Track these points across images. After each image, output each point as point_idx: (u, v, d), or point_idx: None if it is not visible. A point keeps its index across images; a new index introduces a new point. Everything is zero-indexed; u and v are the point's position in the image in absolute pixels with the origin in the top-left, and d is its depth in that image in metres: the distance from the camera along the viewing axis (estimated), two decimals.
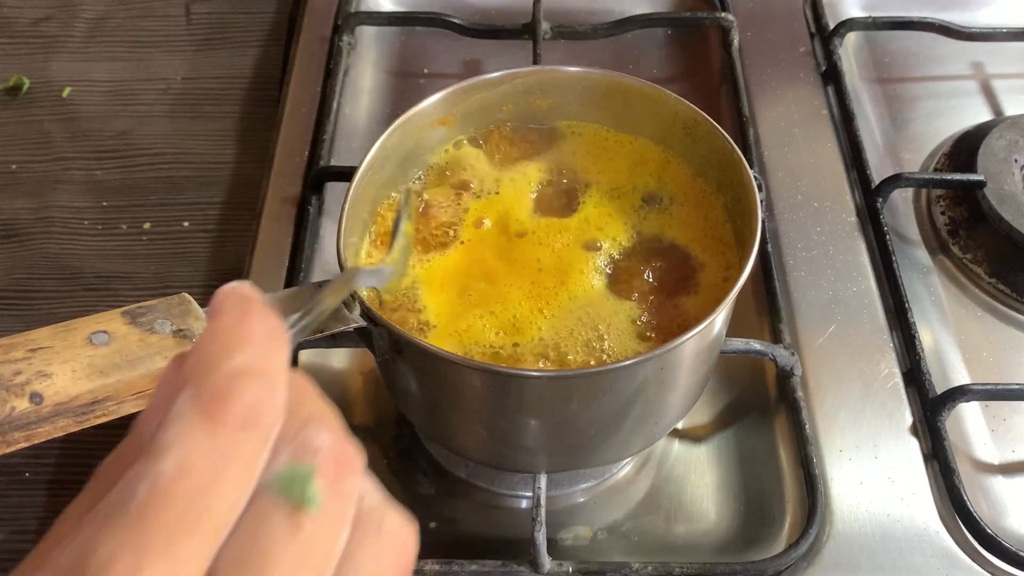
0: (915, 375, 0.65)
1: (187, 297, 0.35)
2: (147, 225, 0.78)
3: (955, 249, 0.74)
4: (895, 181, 0.74)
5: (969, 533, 0.59)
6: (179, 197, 0.80)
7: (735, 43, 0.85)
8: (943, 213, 0.76)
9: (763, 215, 0.53)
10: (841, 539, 0.58)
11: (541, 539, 0.55)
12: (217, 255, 0.77)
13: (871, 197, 0.74)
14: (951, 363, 0.68)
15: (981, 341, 0.70)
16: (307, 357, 0.67)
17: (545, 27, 0.83)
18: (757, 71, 0.84)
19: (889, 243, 0.71)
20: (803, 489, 0.60)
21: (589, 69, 0.61)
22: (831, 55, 0.84)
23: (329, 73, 0.83)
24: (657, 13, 0.89)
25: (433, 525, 0.61)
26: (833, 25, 0.87)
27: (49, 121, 0.85)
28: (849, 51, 0.88)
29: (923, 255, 0.75)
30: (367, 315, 0.47)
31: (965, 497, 0.59)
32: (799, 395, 0.63)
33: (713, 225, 0.58)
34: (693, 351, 0.51)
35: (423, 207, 0.59)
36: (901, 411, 0.64)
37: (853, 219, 0.74)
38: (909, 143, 0.82)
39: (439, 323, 0.53)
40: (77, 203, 0.80)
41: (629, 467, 0.63)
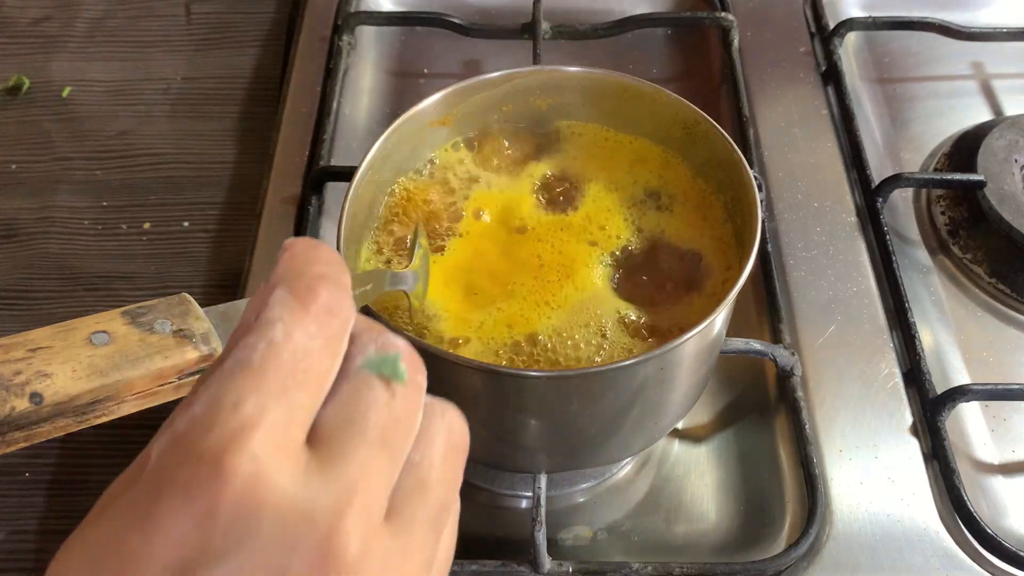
0: (915, 375, 0.65)
1: (187, 297, 0.35)
2: (147, 225, 0.78)
3: (955, 249, 0.74)
4: (895, 181, 0.74)
5: (969, 533, 0.59)
6: (179, 197, 0.80)
7: (735, 43, 0.85)
8: (943, 213, 0.76)
9: (763, 215, 0.53)
10: (841, 539, 0.58)
11: (541, 539, 0.55)
12: (217, 255, 0.77)
13: (871, 197, 0.74)
14: (951, 363, 0.68)
15: (981, 341, 0.70)
16: None
17: (545, 27, 0.83)
18: (757, 71, 0.84)
19: (889, 243, 0.71)
20: (803, 489, 0.60)
21: (589, 69, 0.61)
22: (831, 55, 0.84)
23: (329, 73, 0.83)
24: (657, 13, 0.89)
25: None
26: (833, 25, 0.87)
27: (49, 121, 0.85)
28: (849, 51, 0.88)
29: (923, 255, 0.75)
30: (367, 315, 0.47)
31: (965, 497, 0.59)
32: (799, 395, 0.63)
33: (713, 225, 0.58)
34: (693, 351, 0.51)
35: (425, 207, 0.59)
36: (901, 411, 0.64)
37: (853, 219, 0.74)
38: (909, 143, 0.82)
39: (448, 318, 0.53)
40: (77, 203, 0.80)
41: (629, 467, 0.63)
